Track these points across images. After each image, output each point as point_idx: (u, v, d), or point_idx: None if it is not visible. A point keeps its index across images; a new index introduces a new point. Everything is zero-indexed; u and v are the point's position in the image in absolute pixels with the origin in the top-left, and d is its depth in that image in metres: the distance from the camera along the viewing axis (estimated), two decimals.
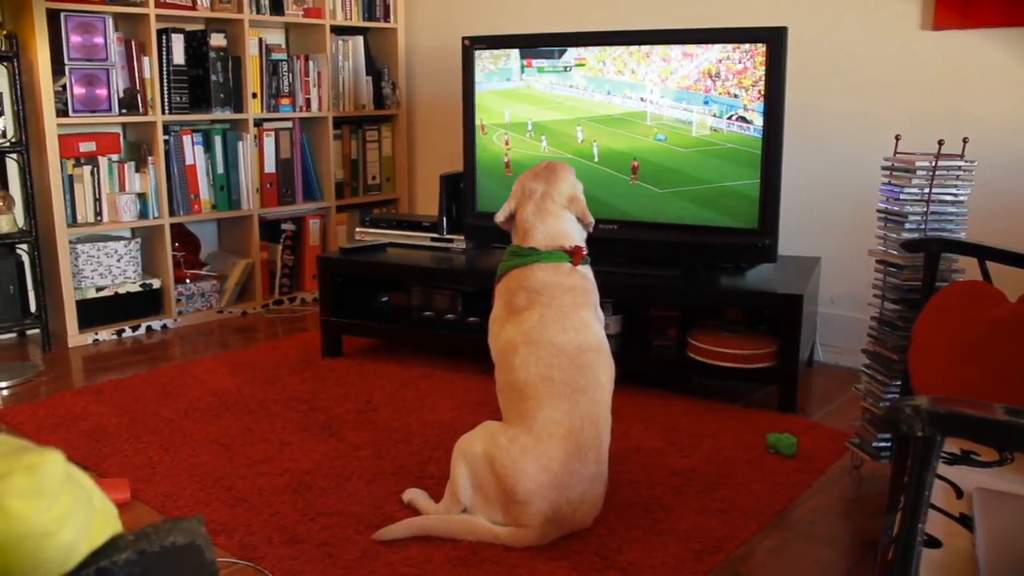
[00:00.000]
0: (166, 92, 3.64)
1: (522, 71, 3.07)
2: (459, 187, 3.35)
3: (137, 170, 3.63)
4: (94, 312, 3.56)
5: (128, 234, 3.76)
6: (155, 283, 3.71)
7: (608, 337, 2.08)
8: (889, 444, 2.17)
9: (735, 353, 2.73)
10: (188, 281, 3.83)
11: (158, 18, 3.56)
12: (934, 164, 2.07)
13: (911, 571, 1.08)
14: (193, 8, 3.67)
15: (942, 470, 1.40)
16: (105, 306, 3.59)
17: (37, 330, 3.46)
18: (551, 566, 1.84)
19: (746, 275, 2.92)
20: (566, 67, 2.99)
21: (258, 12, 3.89)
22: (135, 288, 3.66)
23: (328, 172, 4.21)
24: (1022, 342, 1.68)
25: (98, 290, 3.56)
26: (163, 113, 3.63)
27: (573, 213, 2.13)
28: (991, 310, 1.79)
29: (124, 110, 3.53)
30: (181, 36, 3.67)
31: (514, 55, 3.09)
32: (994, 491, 1.32)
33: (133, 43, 3.54)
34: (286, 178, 4.10)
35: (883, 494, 2.17)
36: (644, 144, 2.91)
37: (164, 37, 3.61)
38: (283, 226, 4.12)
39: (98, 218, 3.54)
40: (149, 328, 3.70)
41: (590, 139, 3.00)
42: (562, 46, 2.99)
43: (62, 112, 3.36)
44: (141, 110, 3.58)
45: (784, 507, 2.12)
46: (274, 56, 3.98)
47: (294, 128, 4.13)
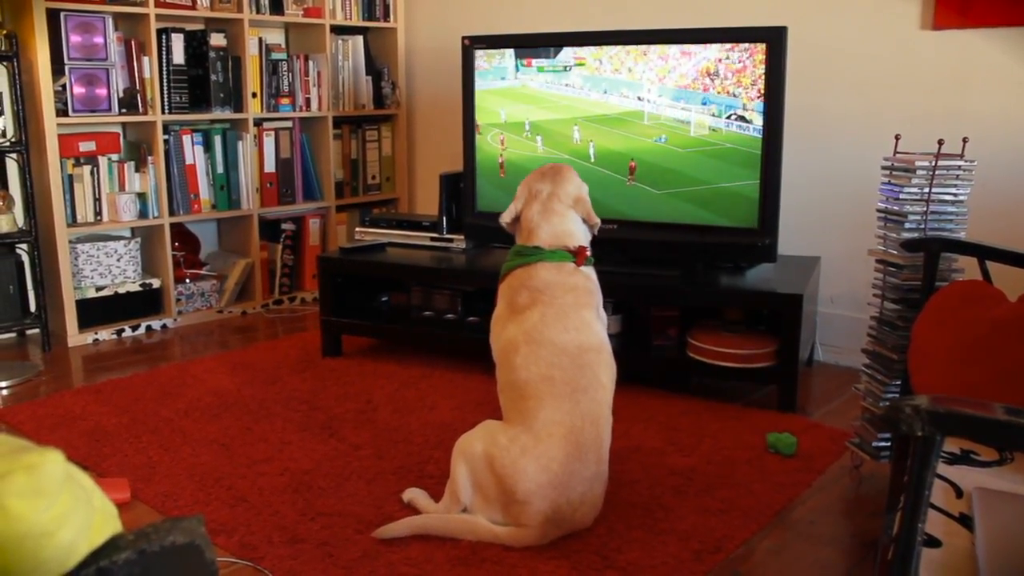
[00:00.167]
0: (166, 92, 3.64)
1: (517, 70, 3.07)
2: (459, 187, 3.35)
3: (137, 170, 3.63)
4: (94, 312, 3.56)
5: (128, 234, 3.76)
6: (155, 283, 3.71)
7: (608, 337, 2.08)
8: (889, 444, 2.17)
9: (735, 353, 2.73)
10: (188, 281, 3.83)
11: (158, 18, 3.56)
12: (934, 164, 2.07)
13: (911, 571, 1.08)
14: (193, 8, 3.67)
15: (942, 470, 1.40)
16: (105, 306, 3.59)
17: (37, 330, 3.46)
18: (551, 566, 1.84)
19: (746, 275, 2.92)
20: (565, 67, 2.99)
21: (258, 12, 3.88)
22: (135, 288, 3.66)
23: (328, 172, 4.21)
24: (1022, 342, 1.68)
25: (98, 290, 3.56)
26: (163, 113, 3.63)
27: (578, 214, 2.14)
28: (991, 310, 1.79)
29: (124, 110, 3.53)
30: (181, 36, 3.67)
31: (508, 53, 3.08)
32: (994, 491, 1.32)
33: (133, 43, 3.54)
34: (286, 178, 4.10)
35: (883, 494, 2.17)
36: (642, 144, 2.91)
37: (164, 37, 3.61)
38: (283, 226, 4.12)
39: (98, 218, 3.54)
40: (149, 328, 3.70)
41: (586, 139, 3.00)
42: (562, 46, 2.99)
43: (62, 112, 3.36)
44: (141, 110, 3.58)
45: (784, 507, 2.12)
46: (274, 56, 3.98)
47: (294, 128, 4.12)
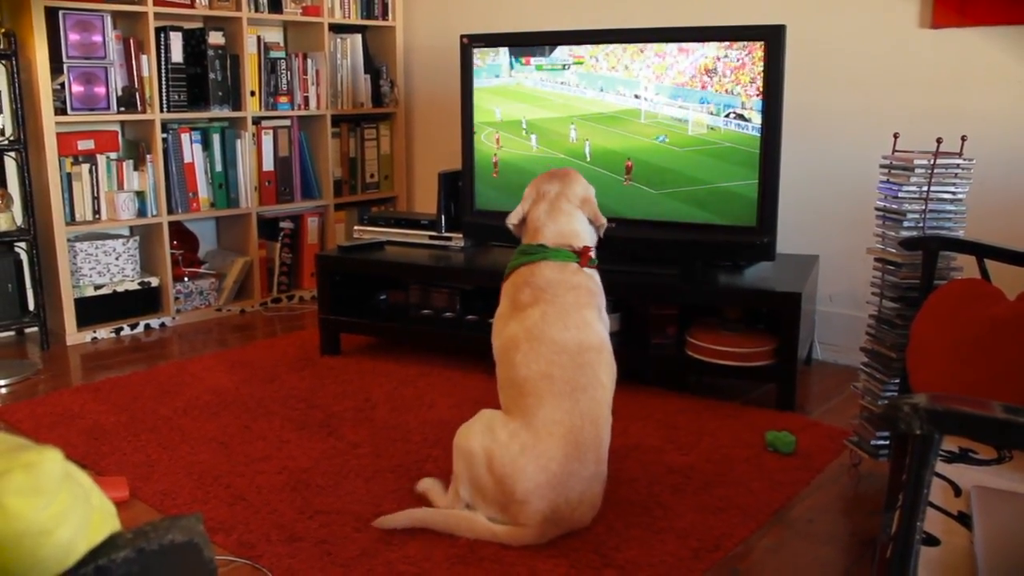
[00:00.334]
0: (164, 90, 3.63)
1: (511, 67, 3.06)
2: (457, 185, 3.35)
3: (135, 168, 3.63)
4: (92, 310, 3.55)
5: (126, 232, 3.76)
6: (153, 281, 3.71)
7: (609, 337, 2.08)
8: (887, 442, 2.17)
9: (734, 351, 2.73)
10: (186, 279, 3.83)
11: (156, 16, 3.55)
12: (932, 162, 2.07)
13: (909, 569, 1.08)
14: (191, 6, 3.67)
15: (940, 468, 1.40)
16: (103, 304, 3.59)
17: (35, 328, 3.46)
18: (549, 564, 1.84)
19: (744, 273, 2.92)
20: (564, 65, 2.99)
21: (256, 10, 3.88)
22: (133, 286, 3.66)
23: (326, 170, 4.21)
24: (1021, 340, 1.68)
25: (96, 288, 3.55)
26: (161, 111, 3.62)
27: (585, 214, 2.15)
28: (989, 308, 1.79)
29: (122, 108, 3.53)
30: (179, 34, 3.66)
31: (503, 51, 3.06)
32: (992, 489, 1.32)
33: (131, 41, 3.54)
34: (284, 176, 4.10)
35: (881, 492, 2.17)
36: (638, 143, 2.90)
37: (162, 35, 3.60)
38: (281, 224, 4.12)
39: (96, 216, 3.54)
40: (147, 326, 3.70)
41: (582, 138, 2.99)
42: (562, 44, 2.99)
43: (60, 110, 3.36)
44: (139, 108, 3.57)
45: (782, 505, 2.12)
46: (272, 54, 3.97)
47: (292, 126, 4.12)
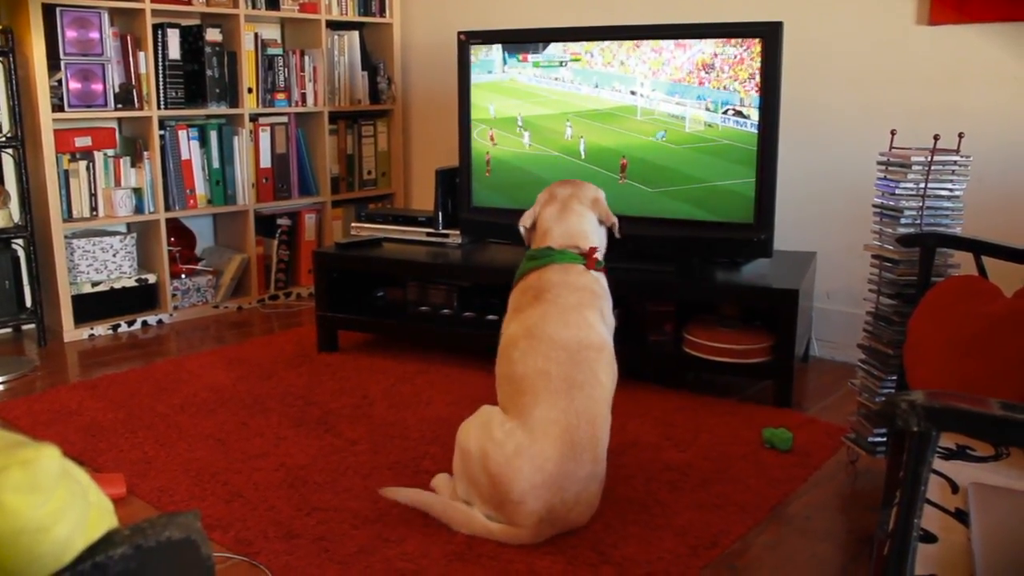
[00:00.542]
0: (162, 87, 3.62)
1: (504, 63, 3.04)
2: (455, 182, 3.35)
3: (133, 165, 3.63)
4: (89, 307, 3.55)
5: (123, 229, 3.76)
6: (150, 278, 3.71)
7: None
8: (885, 439, 2.17)
9: (731, 348, 2.73)
10: (184, 276, 3.82)
11: (154, 13, 3.55)
12: (930, 159, 2.07)
13: (907, 566, 1.09)
14: (188, 3, 3.66)
15: (938, 465, 1.41)
16: (100, 301, 3.58)
17: (32, 325, 3.45)
18: (547, 561, 1.84)
19: (742, 270, 2.92)
20: (561, 62, 2.98)
21: (254, 7, 3.87)
22: (130, 283, 3.65)
23: (324, 167, 4.20)
24: (1018, 337, 1.68)
25: (93, 285, 3.55)
26: (159, 108, 3.62)
27: (596, 214, 2.20)
28: (987, 305, 1.79)
29: (120, 105, 3.52)
30: (177, 31, 3.65)
31: (496, 46, 3.05)
32: (989, 486, 1.33)
33: (129, 38, 3.53)
34: (282, 173, 4.10)
35: (879, 489, 2.18)
36: (635, 140, 2.90)
37: (160, 32, 3.59)
38: (279, 221, 4.11)
39: (93, 213, 3.54)
40: (144, 323, 3.69)
41: (577, 135, 2.98)
42: (560, 41, 2.98)
43: (58, 107, 3.35)
44: (137, 105, 3.57)
45: (780, 502, 2.12)
46: (270, 51, 3.97)
47: (290, 123, 4.12)
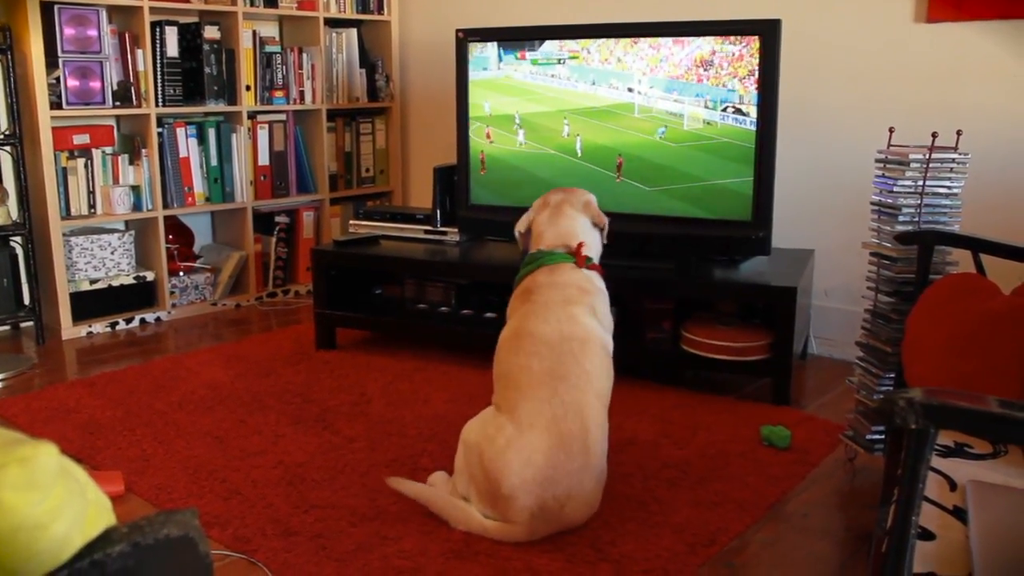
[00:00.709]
0: (160, 84, 3.62)
1: (500, 60, 3.03)
2: (453, 179, 3.35)
3: (131, 163, 3.62)
4: (88, 304, 3.55)
5: (122, 226, 3.75)
6: (149, 276, 3.70)
7: (611, 338, 2.11)
8: (883, 437, 2.17)
9: (729, 346, 2.74)
10: (182, 274, 3.82)
11: (151, 10, 3.54)
12: (928, 157, 2.07)
13: (905, 563, 1.09)
14: (187, 1, 3.66)
15: (936, 462, 1.41)
16: (99, 298, 3.58)
17: (31, 322, 3.45)
18: (545, 559, 1.85)
19: (740, 268, 2.92)
20: (559, 60, 2.98)
21: (252, 5, 3.87)
22: (129, 281, 3.65)
23: (322, 165, 4.20)
24: (1015, 335, 1.68)
25: (92, 283, 3.55)
26: (157, 105, 3.61)
27: (587, 216, 2.25)
28: (985, 303, 1.79)
29: (118, 102, 3.52)
30: (175, 28, 3.65)
31: (490, 43, 3.04)
32: (987, 483, 1.33)
33: (127, 36, 3.53)
34: (280, 171, 4.09)
35: (877, 487, 2.18)
36: (632, 138, 2.89)
37: (158, 29, 3.59)
38: (277, 218, 4.11)
39: (92, 211, 3.53)
40: (143, 321, 3.69)
41: (573, 133, 2.98)
42: (557, 39, 2.98)
43: (56, 105, 3.35)
44: (135, 102, 3.56)
45: (778, 500, 2.12)
46: (268, 48, 3.96)
47: (288, 120, 4.11)
